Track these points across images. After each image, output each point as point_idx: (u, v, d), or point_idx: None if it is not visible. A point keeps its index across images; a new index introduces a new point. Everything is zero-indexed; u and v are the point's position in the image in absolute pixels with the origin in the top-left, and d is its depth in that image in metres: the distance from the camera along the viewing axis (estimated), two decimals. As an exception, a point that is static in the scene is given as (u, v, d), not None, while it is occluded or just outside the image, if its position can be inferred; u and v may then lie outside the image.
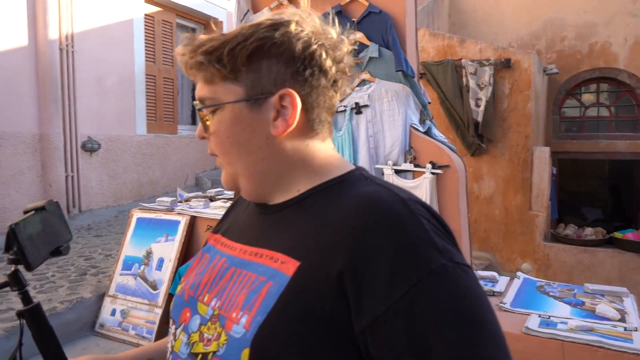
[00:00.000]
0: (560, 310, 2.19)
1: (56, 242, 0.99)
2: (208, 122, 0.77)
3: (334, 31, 0.77)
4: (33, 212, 0.94)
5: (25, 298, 0.91)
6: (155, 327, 2.89)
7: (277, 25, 0.74)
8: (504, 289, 2.51)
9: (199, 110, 0.77)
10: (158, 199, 3.40)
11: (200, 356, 0.72)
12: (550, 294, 2.45)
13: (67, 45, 5.11)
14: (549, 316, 2.12)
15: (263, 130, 0.75)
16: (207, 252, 0.88)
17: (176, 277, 2.91)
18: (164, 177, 6.56)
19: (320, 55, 0.74)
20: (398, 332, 0.61)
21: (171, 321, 0.83)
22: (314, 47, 0.74)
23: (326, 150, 0.80)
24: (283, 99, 0.74)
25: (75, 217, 5.29)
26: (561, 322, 2.03)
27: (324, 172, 0.78)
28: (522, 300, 2.36)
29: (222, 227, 0.93)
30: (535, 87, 5.49)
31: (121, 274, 3.18)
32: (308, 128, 0.77)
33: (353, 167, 0.81)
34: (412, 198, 0.70)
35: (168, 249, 3.04)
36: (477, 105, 5.27)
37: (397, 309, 0.61)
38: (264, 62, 0.73)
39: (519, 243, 5.46)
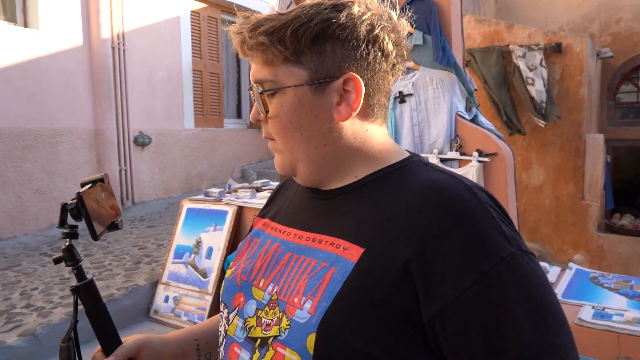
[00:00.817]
0: (616, 302, 2.11)
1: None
2: (265, 105, 0.75)
3: (394, 13, 0.75)
4: (91, 184, 0.90)
5: (80, 274, 0.87)
6: (206, 313, 2.99)
7: (339, 6, 0.71)
8: (555, 279, 2.45)
9: (261, 93, 0.74)
10: (206, 189, 3.51)
11: (259, 341, 0.72)
12: (605, 285, 2.36)
13: (118, 44, 5.31)
14: (604, 308, 2.05)
15: (326, 115, 0.73)
16: (256, 236, 0.88)
17: (225, 265, 3.00)
18: (211, 170, 6.73)
19: (383, 38, 0.72)
20: (469, 321, 0.60)
21: (222, 305, 0.84)
22: (377, 30, 0.72)
23: (383, 136, 0.79)
24: (347, 84, 0.72)
25: (129, 208, 5.52)
26: (617, 314, 1.96)
27: (383, 157, 0.77)
28: (575, 291, 2.30)
29: (270, 211, 0.93)
30: (588, 71, 5.27)
31: (173, 263, 3.30)
32: (369, 113, 0.76)
33: (408, 153, 0.80)
34: (477, 185, 0.69)
35: (217, 238, 3.13)
36: (531, 84, 5.07)
37: (468, 298, 0.60)
38: (328, 44, 0.71)
39: (571, 234, 5.28)
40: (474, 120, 2.84)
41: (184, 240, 3.31)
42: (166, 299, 3.22)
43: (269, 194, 3.28)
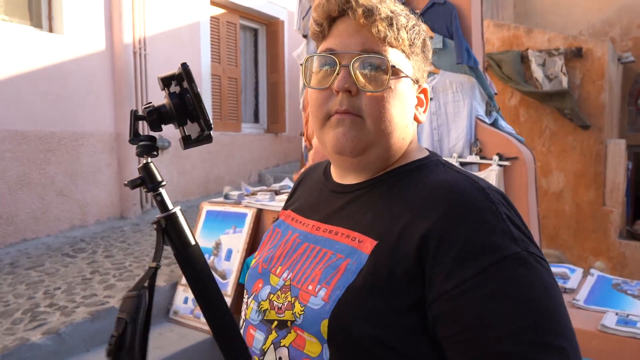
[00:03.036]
0: (640, 309, 2.08)
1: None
2: (358, 77, 0.73)
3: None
4: (175, 81, 0.67)
5: (163, 202, 0.66)
6: (225, 315, 3.02)
7: (415, 19, 0.81)
8: (576, 286, 2.42)
9: (393, 67, 0.74)
10: (226, 192, 3.54)
11: (276, 323, 0.76)
12: (629, 292, 2.33)
13: (140, 49, 5.40)
14: (627, 314, 2.02)
15: (412, 112, 0.80)
16: (278, 227, 0.92)
17: (244, 268, 3.02)
18: (228, 174, 6.79)
19: (430, 56, 0.84)
20: (463, 310, 0.63)
21: (245, 292, 0.88)
22: (430, 46, 0.84)
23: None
24: (423, 92, 0.83)
25: (148, 211, 5.59)
26: (641, 321, 1.94)
27: (409, 154, 0.82)
28: (597, 297, 2.27)
29: (292, 203, 0.96)
30: (609, 76, 5.20)
31: (192, 264, 3.34)
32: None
33: (428, 152, 0.84)
34: (491, 187, 0.72)
35: (236, 240, 3.16)
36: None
37: (465, 289, 0.63)
38: (423, 53, 0.81)
39: (592, 240, 5.20)
40: (494, 124, 2.83)
41: (204, 242, 3.35)
42: (185, 300, 3.26)
43: (287, 197, 3.31)
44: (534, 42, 5.41)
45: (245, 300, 0.87)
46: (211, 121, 0.65)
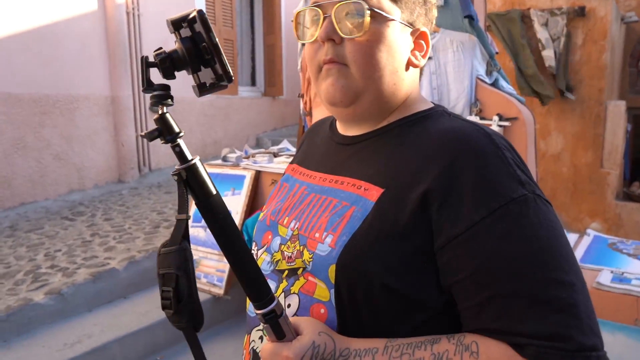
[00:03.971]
0: (635, 267, 2.11)
1: None
2: (340, 25, 0.73)
3: None
4: (186, 24, 0.64)
5: (182, 153, 0.63)
6: (225, 275, 3.05)
7: None
8: (572, 245, 2.44)
9: (370, 10, 0.72)
10: (224, 151, 3.52)
11: (286, 272, 0.78)
12: (624, 251, 2.36)
13: (133, 9, 5.27)
14: (623, 272, 2.05)
15: (403, 57, 0.78)
16: (285, 181, 0.93)
17: (243, 229, 3.04)
18: (226, 138, 6.75)
19: (435, 5, 0.83)
20: (473, 252, 0.64)
21: (254, 244, 0.90)
22: None
23: (418, 86, 0.85)
24: (421, 35, 0.80)
25: (146, 175, 5.58)
26: (635, 278, 1.96)
27: (412, 105, 0.81)
28: (593, 256, 2.29)
29: (298, 157, 0.98)
30: (611, 36, 5.11)
31: (192, 226, 3.35)
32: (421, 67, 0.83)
33: (433, 104, 0.84)
34: (496, 133, 0.72)
35: (235, 202, 3.16)
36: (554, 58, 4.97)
37: (475, 231, 0.64)
38: None
39: (588, 202, 5.23)
40: (494, 84, 2.79)
41: (202, 205, 3.35)
42: (185, 262, 3.29)
43: (286, 159, 3.29)
44: (536, 2, 5.29)
45: (254, 252, 0.88)
46: (231, 72, 0.62)
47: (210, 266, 3.15)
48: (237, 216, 3.15)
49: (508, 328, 0.61)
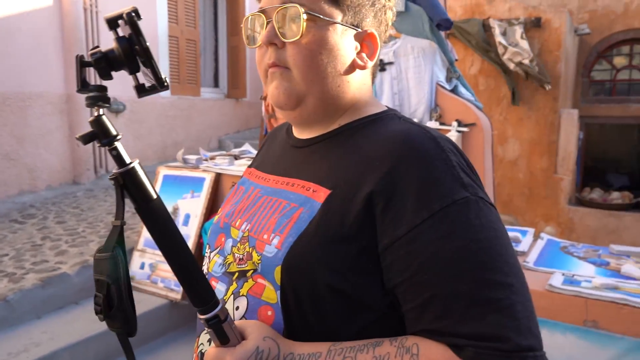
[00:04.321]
0: (585, 270, 2.18)
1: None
2: (281, 29, 0.74)
3: None
4: (124, 22, 0.59)
5: (119, 156, 0.61)
6: (183, 280, 2.99)
7: None
8: (527, 249, 2.50)
9: (307, 14, 0.72)
10: (183, 157, 3.45)
11: (236, 274, 0.78)
12: (575, 254, 2.43)
13: (90, 6, 5.11)
14: (573, 275, 2.11)
15: (346, 59, 0.77)
16: (242, 184, 0.94)
17: (202, 232, 2.98)
18: (187, 139, 6.62)
19: (391, 6, 0.82)
20: (414, 254, 0.64)
21: (207, 247, 0.89)
22: None
23: (371, 91, 0.85)
24: (368, 37, 0.79)
25: (102, 177, 5.41)
26: (585, 281, 2.03)
27: (363, 108, 0.82)
28: (546, 259, 2.36)
29: (256, 161, 0.98)
30: (565, 47, 5.32)
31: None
32: (370, 69, 0.83)
33: (386, 107, 0.85)
34: (442, 136, 0.73)
35: (194, 205, 3.10)
36: (519, 62, 5.10)
37: (417, 233, 0.64)
38: None
39: (543, 207, 5.41)
40: (454, 90, 2.85)
41: (160, 208, 3.27)
42: (142, 266, 3.20)
43: (246, 162, 3.25)
44: (495, 11, 5.45)
45: (207, 254, 0.88)
46: (164, 78, 0.61)
47: (167, 270, 3.08)
48: (196, 219, 3.09)
49: (447, 329, 0.62)
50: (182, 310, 3.04)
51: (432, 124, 2.77)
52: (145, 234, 3.27)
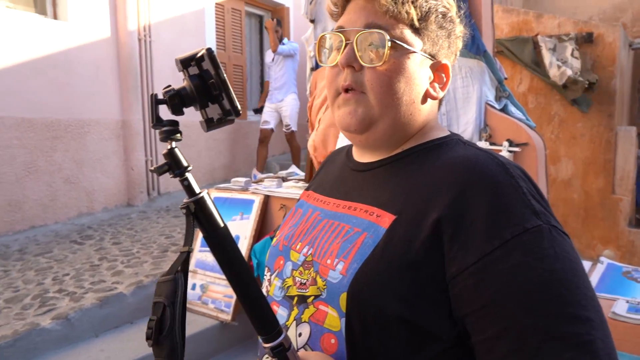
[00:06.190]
0: (651, 296, 2.06)
1: None
2: (360, 52, 0.74)
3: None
4: (194, 63, 0.64)
5: (190, 187, 0.65)
6: (233, 301, 3.02)
7: None
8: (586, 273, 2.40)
9: (390, 41, 0.73)
10: (233, 180, 3.53)
11: (296, 299, 0.77)
12: (639, 280, 2.31)
13: (145, 36, 5.37)
14: (638, 302, 2.00)
15: (421, 88, 0.78)
16: (300, 207, 0.93)
17: (251, 254, 3.02)
18: (234, 162, 6.78)
19: (460, 37, 0.83)
20: (485, 284, 0.62)
21: (266, 269, 0.90)
22: (461, 26, 0.82)
23: (437, 116, 0.85)
24: (442, 67, 0.80)
25: (155, 199, 5.60)
26: (652, 308, 1.92)
27: (428, 133, 0.81)
28: (607, 285, 2.25)
29: (314, 184, 0.98)
30: (620, 62, 5.12)
31: (200, 251, 3.34)
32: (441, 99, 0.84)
33: (448, 132, 0.84)
34: (511, 162, 0.72)
35: (243, 227, 3.15)
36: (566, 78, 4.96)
37: (487, 262, 0.62)
38: (442, 29, 0.79)
39: (600, 229, 5.16)
40: (504, 109, 2.79)
41: (211, 229, 3.34)
42: (193, 287, 3.26)
43: (294, 184, 3.29)
44: (544, 28, 5.33)
45: (267, 277, 0.88)
46: (239, 106, 0.64)
47: (218, 292, 3.13)
48: (245, 241, 3.14)
49: None
50: (232, 332, 3.07)
51: (482, 144, 2.72)
52: (197, 255, 3.35)
